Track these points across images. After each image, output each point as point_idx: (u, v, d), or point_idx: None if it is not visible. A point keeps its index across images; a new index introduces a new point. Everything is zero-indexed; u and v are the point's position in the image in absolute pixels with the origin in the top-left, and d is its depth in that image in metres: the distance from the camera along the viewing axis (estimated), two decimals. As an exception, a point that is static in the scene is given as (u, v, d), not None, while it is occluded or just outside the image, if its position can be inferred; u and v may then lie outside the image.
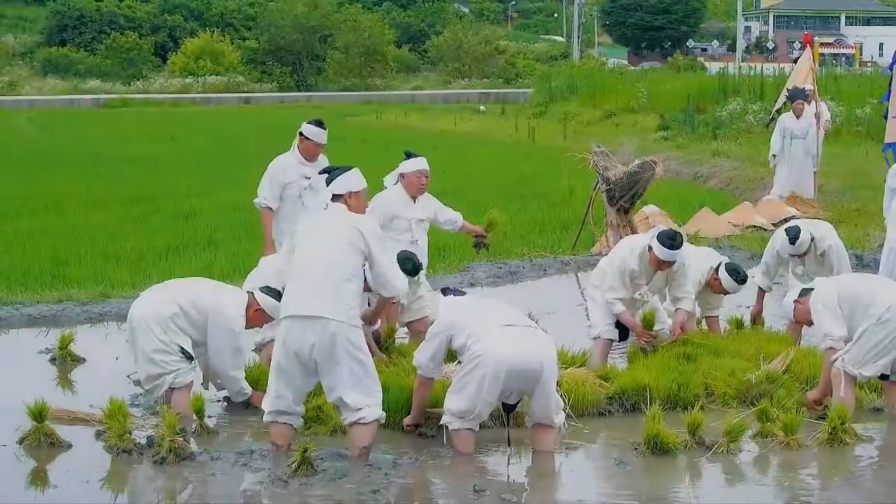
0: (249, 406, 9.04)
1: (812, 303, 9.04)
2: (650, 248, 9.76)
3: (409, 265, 9.51)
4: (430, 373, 8.25)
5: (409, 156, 10.62)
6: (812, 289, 9.25)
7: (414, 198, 10.52)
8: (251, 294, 8.91)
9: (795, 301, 9.31)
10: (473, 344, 7.84)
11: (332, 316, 7.66)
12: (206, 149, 31.58)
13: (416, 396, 8.41)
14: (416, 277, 9.80)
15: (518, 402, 8.15)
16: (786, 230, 11.17)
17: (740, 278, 10.38)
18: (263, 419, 8.02)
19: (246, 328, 8.95)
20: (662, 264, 9.80)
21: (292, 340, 7.73)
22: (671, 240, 9.66)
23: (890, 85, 16.09)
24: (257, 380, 9.15)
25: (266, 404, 7.95)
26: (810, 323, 9.28)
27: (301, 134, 11.19)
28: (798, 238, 10.99)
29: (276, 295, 8.72)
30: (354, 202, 8.18)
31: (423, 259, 10.35)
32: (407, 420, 8.50)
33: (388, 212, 10.31)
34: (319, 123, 11.29)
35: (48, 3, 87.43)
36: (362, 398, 7.74)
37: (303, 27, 77.22)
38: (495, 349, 7.75)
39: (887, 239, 11.50)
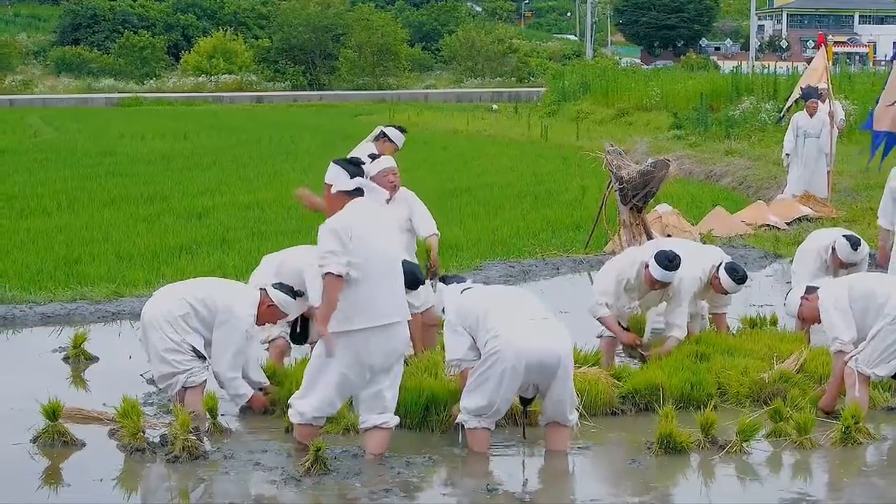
0: (251, 409, 9.01)
1: (822, 303, 8.98)
2: (647, 266, 9.70)
3: (409, 278, 9.46)
4: (473, 362, 8.04)
5: (372, 158, 10.58)
6: (817, 287, 9.20)
7: (386, 199, 10.45)
8: (263, 290, 8.92)
9: (802, 298, 9.25)
10: (491, 340, 7.80)
11: (405, 316, 7.85)
12: (218, 148, 31.60)
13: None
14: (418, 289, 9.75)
15: (535, 396, 8.13)
16: (847, 238, 11.01)
17: (738, 277, 10.27)
18: (296, 419, 7.89)
19: (258, 324, 8.95)
20: (655, 283, 9.72)
21: (374, 352, 7.66)
22: (669, 261, 9.53)
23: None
24: (269, 377, 9.16)
25: (310, 408, 7.80)
26: (816, 321, 9.22)
27: (384, 135, 11.30)
28: (860, 244, 10.91)
29: (289, 291, 8.77)
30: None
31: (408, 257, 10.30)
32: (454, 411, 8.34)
33: None
34: (403, 129, 11.68)
35: (62, 3, 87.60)
36: (392, 401, 7.82)
37: (315, 26, 77.25)
38: (515, 343, 7.73)
39: None
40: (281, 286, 8.88)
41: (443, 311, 8.43)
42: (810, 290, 9.22)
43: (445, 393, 8.58)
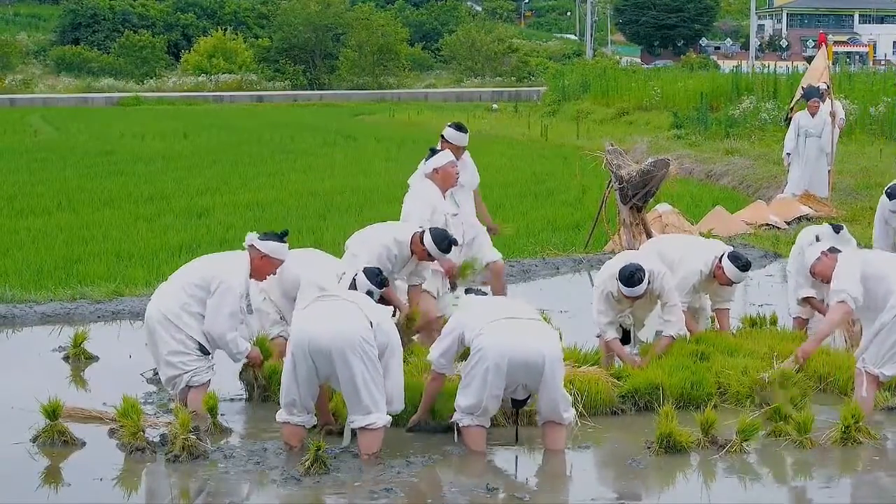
0: (248, 365, 9.04)
1: (838, 265, 8.85)
2: None
3: (444, 244, 9.49)
4: (442, 368, 8.29)
5: (434, 152, 10.65)
6: (840, 251, 9.12)
7: (444, 193, 10.55)
8: (252, 247, 8.86)
9: (822, 252, 9.11)
10: (476, 338, 7.90)
11: (344, 309, 8.10)
12: (218, 147, 31.61)
13: (427, 391, 8.47)
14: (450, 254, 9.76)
15: (528, 399, 8.14)
16: (832, 225, 10.95)
17: (741, 264, 10.23)
18: (277, 418, 8.06)
19: (258, 279, 8.96)
20: (626, 299, 9.73)
21: (310, 335, 7.94)
22: (628, 278, 9.43)
23: None
24: (270, 376, 9.17)
25: (281, 401, 8.03)
26: (826, 279, 9.12)
27: (442, 137, 11.24)
28: (842, 228, 10.78)
29: (276, 237, 8.83)
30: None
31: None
32: (413, 417, 8.52)
33: (429, 206, 10.29)
34: (459, 127, 11.35)
35: (62, 2, 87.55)
36: (374, 401, 7.91)
37: (316, 25, 77.25)
38: (496, 341, 7.80)
39: None
40: (265, 235, 8.88)
41: None
42: (834, 249, 9.14)
43: (445, 393, 8.58)
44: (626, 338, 10.09)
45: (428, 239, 9.47)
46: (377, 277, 8.74)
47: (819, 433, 8.30)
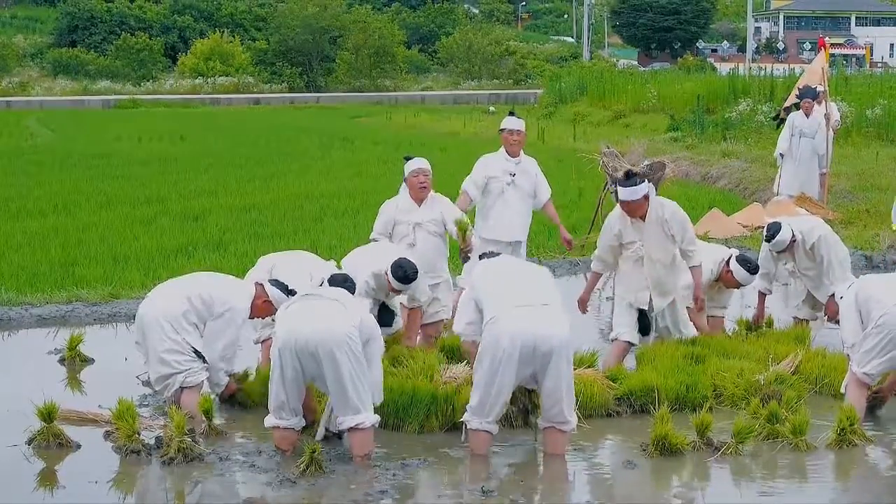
0: (229, 397, 9.12)
1: (841, 305, 9.10)
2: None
3: (399, 273, 9.39)
4: (472, 335, 8.26)
5: (407, 159, 10.69)
6: None
7: (419, 201, 10.51)
8: (259, 285, 8.95)
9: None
10: (489, 325, 7.91)
11: (327, 310, 8.12)
12: (215, 150, 31.60)
13: (471, 358, 8.41)
14: (413, 284, 9.64)
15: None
16: (766, 227, 11.01)
17: (751, 268, 10.36)
18: (266, 423, 8.09)
19: (249, 318, 8.98)
20: (623, 204, 9.96)
21: (294, 334, 7.89)
22: (625, 179, 9.91)
23: None
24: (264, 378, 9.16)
25: (270, 407, 8.03)
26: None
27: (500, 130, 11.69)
28: (776, 236, 10.80)
29: (283, 288, 8.84)
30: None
31: (421, 263, 9.86)
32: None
33: (388, 219, 10.41)
34: (510, 113, 12.08)
35: (59, 5, 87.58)
36: (361, 400, 7.91)
37: (313, 28, 77.23)
38: (508, 329, 7.79)
39: None
40: (276, 283, 8.94)
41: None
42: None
43: (440, 396, 8.59)
44: (644, 327, 10.05)
45: (389, 274, 9.40)
46: (345, 284, 8.72)
47: (814, 435, 8.30)
